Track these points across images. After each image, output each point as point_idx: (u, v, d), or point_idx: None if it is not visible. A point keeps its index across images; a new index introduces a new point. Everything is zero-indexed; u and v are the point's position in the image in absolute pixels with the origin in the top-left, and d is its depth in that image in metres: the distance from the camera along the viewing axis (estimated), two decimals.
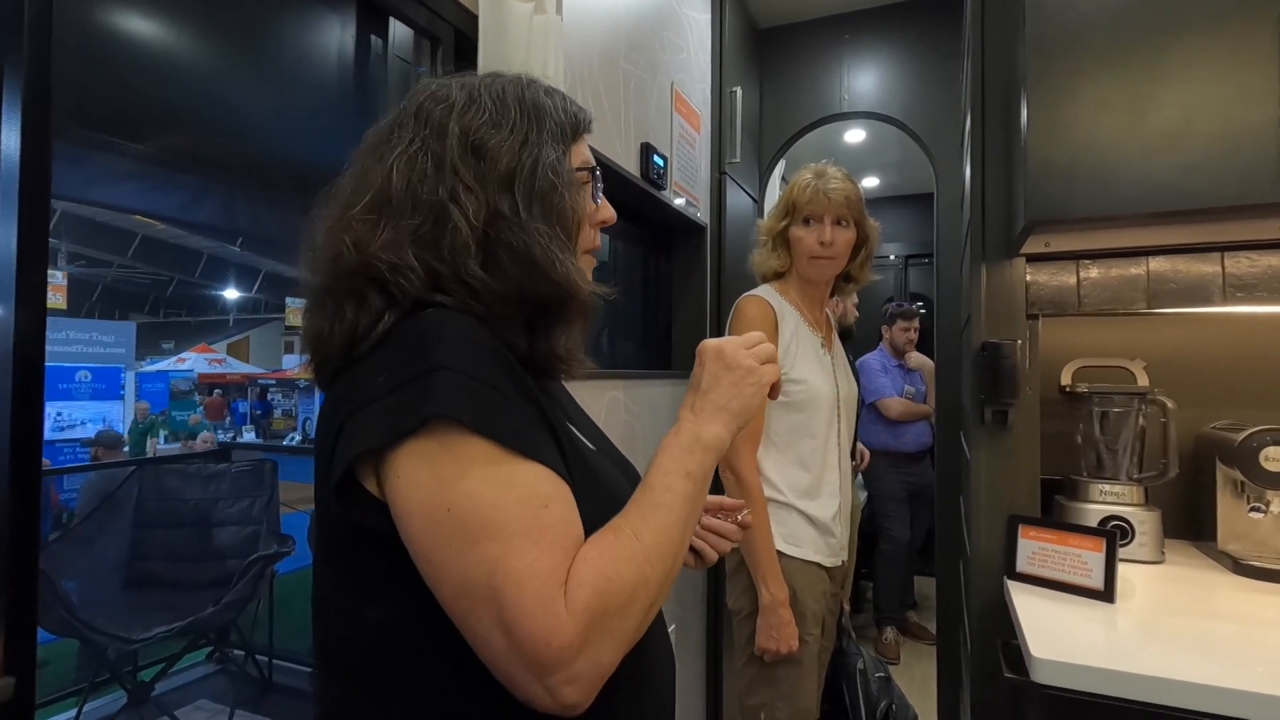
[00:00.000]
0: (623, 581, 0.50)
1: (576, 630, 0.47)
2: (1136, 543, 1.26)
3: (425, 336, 0.53)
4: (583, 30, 1.50)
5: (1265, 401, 1.36)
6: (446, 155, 0.58)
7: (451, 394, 0.50)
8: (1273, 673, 0.82)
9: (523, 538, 0.49)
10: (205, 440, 6.56)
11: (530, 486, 0.51)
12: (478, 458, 0.50)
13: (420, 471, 0.50)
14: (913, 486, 3.33)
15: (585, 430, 0.68)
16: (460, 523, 0.49)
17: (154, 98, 1.04)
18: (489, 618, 0.48)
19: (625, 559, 0.51)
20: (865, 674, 1.44)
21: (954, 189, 2.28)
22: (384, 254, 0.56)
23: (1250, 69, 1.00)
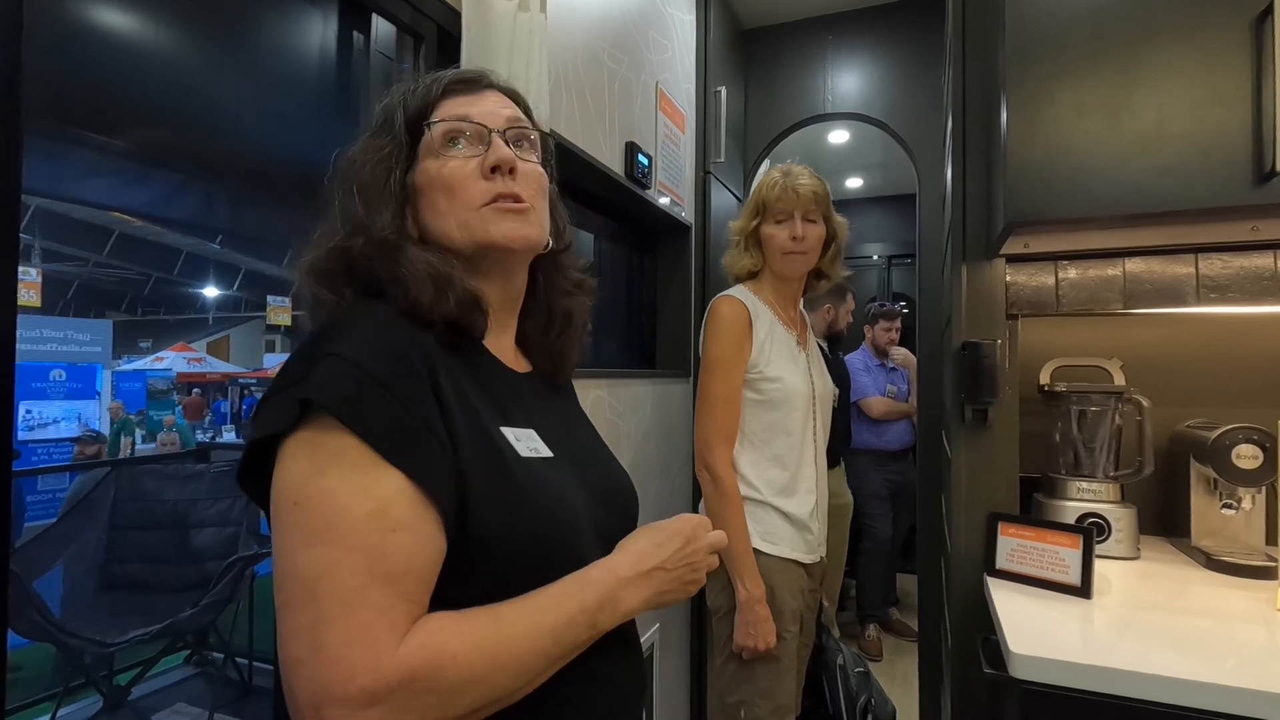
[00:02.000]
0: (465, 670, 0.47)
1: (389, 681, 0.44)
2: (1113, 539, 1.28)
3: (329, 327, 0.54)
4: (567, 28, 1.49)
5: (1237, 400, 1.38)
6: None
7: (330, 382, 0.49)
8: (1243, 666, 0.84)
9: (363, 555, 0.46)
10: (166, 442, 6.46)
11: (385, 504, 0.48)
12: (343, 455, 0.48)
13: (290, 460, 0.49)
14: (895, 484, 3.36)
15: (549, 434, 0.65)
16: (306, 518, 0.47)
17: (131, 92, 1.02)
18: (303, 621, 0.45)
19: (482, 652, 0.48)
20: (845, 669, 1.45)
21: (936, 190, 2.30)
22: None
23: (1222, 74, 1.02)
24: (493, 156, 0.62)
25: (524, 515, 0.55)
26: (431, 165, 0.63)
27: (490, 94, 0.67)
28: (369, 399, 0.49)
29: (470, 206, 0.62)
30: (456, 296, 0.59)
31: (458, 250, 0.62)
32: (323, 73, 1.16)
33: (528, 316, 0.72)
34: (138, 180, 2.16)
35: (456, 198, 0.62)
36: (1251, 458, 1.17)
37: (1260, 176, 1.00)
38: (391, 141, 0.63)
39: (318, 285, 0.60)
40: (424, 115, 0.64)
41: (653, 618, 1.94)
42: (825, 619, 1.59)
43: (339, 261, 0.60)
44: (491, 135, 0.64)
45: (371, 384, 0.50)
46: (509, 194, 0.63)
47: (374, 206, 0.60)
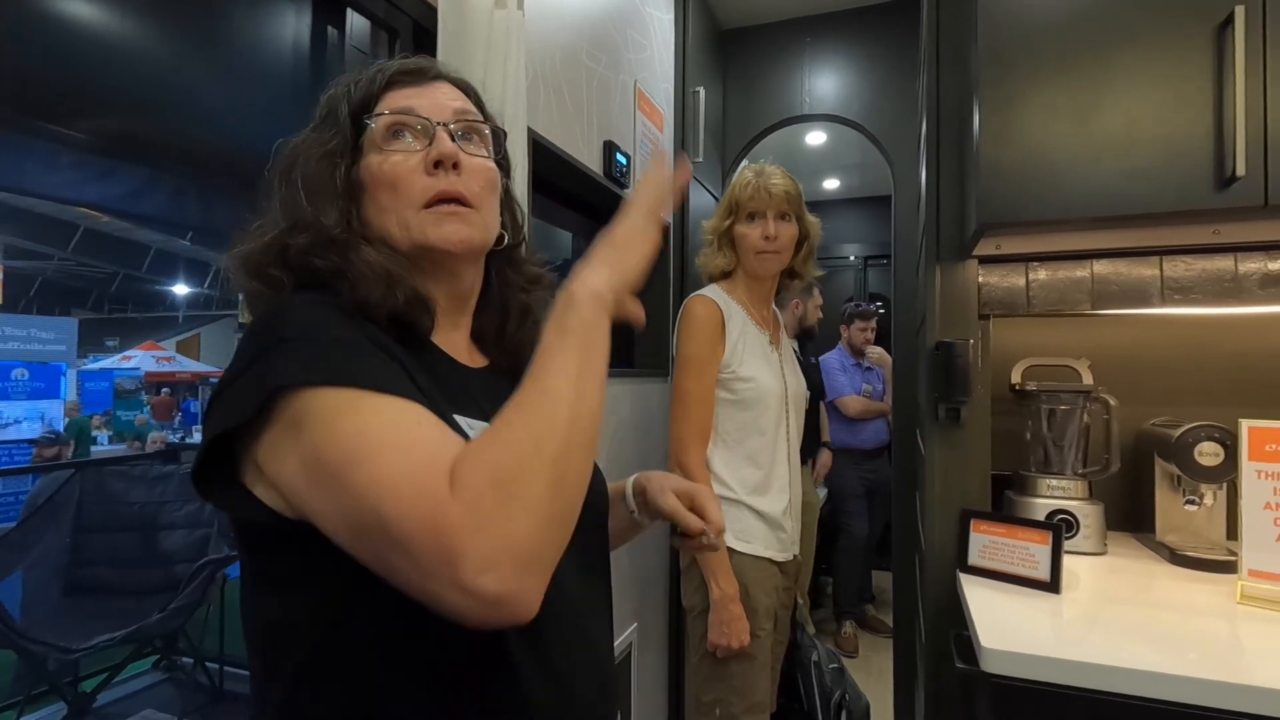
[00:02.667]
0: (510, 445, 0.45)
1: (464, 507, 0.42)
2: (1081, 535, 1.30)
3: (270, 317, 0.53)
4: (545, 26, 1.49)
5: (1200, 399, 1.42)
6: None
7: (295, 361, 0.48)
8: (1205, 657, 0.87)
9: (391, 451, 0.45)
10: (157, 440, 6.32)
11: (398, 410, 0.48)
12: (340, 406, 0.47)
13: (289, 443, 0.48)
14: (871, 483, 3.40)
15: None
16: (332, 463, 0.46)
17: (98, 83, 0.99)
18: (385, 544, 0.44)
19: (506, 427, 0.46)
20: (819, 666, 1.47)
21: (911, 192, 2.33)
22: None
23: (1188, 79, 1.05)
24: (435, 151, 0.60)
25: None
26: (374, 160, 0.61)
27: (439, 85, 0.65)
28: (337, 357, 0.49)
29: (412, 205, 0.60)
30: (405, 295, 0.57)
31: (400, 249, 0.60)
32: (296, 67, 1.14)
33: (482, 312, 0.71)
34: (104, 174, 2.11)
35: (399, 195, 0.60)
36: (1213, 455, 1.20)
37: (1221, 181, 1.02)
38: (335, 135, 0.61)
39: (249, 278, 0.58)
40: (368, 107, 0.62)
41: (631, 617, 1.94)
42: (800, 616, 1.60)
43: (275, 255, 0.58)
44: (436, 129, 0.61)
45: (334, 345, 0.50)
46: (451, 192, 0.60)
47: (319, 202, 0.58)
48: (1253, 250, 1.24)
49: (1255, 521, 1.05)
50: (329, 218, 0.58)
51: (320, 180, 0.59)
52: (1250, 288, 1.24)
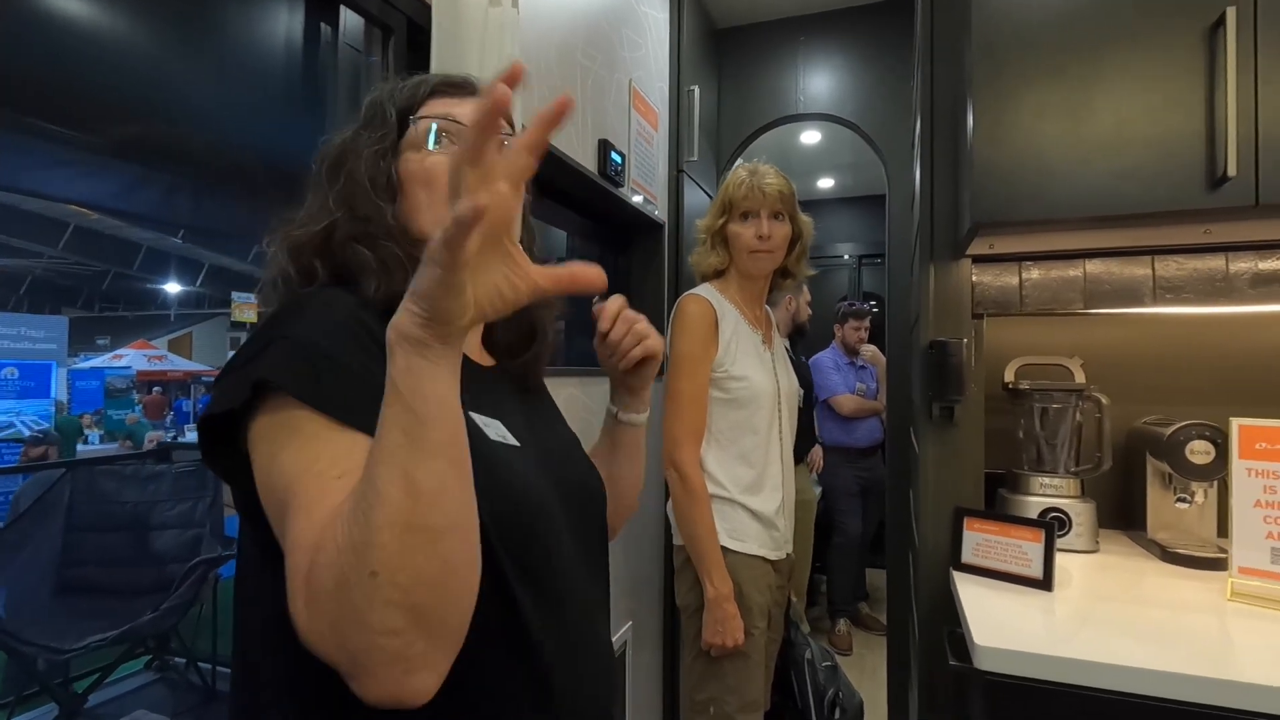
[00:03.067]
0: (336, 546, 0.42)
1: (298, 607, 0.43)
2: (1073, 533, 1.31)
3: (281, 311, 0.55)
4: (539, 24, 1.48)
5: (1192, 397, 1.43)
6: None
7: (282, 361, 0.50)
8: (1195, 654, 0.87)
9: (304, 512, 0.45)
10: (153, 440, 6.28)
11: (337, 460, 0.47)
12: (302, 428, 0.48)
13: (262, 444, 0.50)
14: (865, 481, 3.41)
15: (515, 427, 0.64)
16: (273, 496, 0.48)
17: (88, 80, 0.99)
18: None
19: (346, 518, 0.42)
20: (813, 664, 1.47)
21: (905, 191, 2.34)
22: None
23: (1178, 80, 1.05)
24: None
25: (503, 500, 0.54)
26: (413, 159, 0.63)
27: (476, 100, 0.68)
28: (322, 373, 0.50)
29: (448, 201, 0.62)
30: None
31: None
32: (289, 64, 1.14)
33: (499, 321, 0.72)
34: (95, 172, 2.09)
35: (435, 192, 0.62)
36: (1204, 453, 1.21)
37: (1213, 181, 1.03)
38: (386, 135, 0.64)
39: (291, 262, 0.61)
40: (411, 111, 0.65)
41: (625, 615, 1.94)
42: (793, 614, 1.61)
43: (321, 243, 0.61)
44: None
45: (324, 360, 0.51)
46: None
47: (380, 196, 0.62)
48: (1243, 250, 1.25)
49: (1245, 519, 1.05)
50: (389, 210, 0.61)
51: (378, 175, 0.62)
52: (1241, 287, 1.25)
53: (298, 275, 0.61)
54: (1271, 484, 1.04)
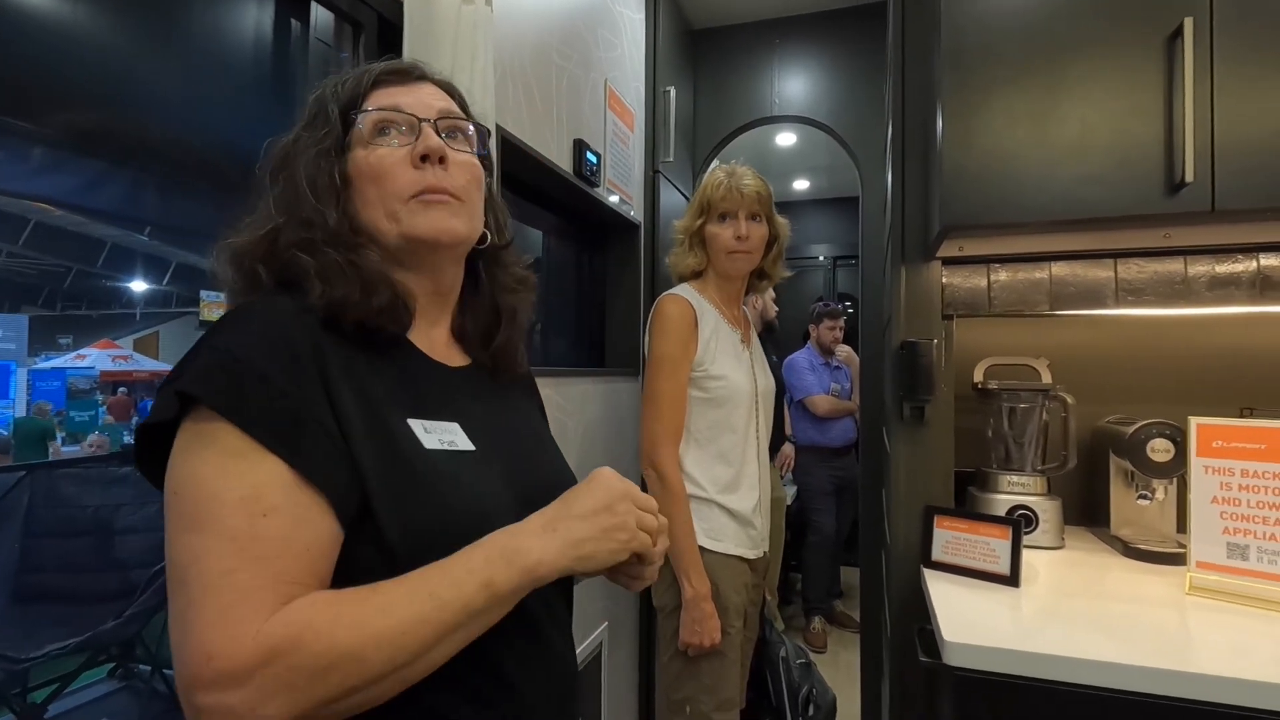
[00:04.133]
0: (329, 643, 0.45)
1: (246, 661, 0.43)
2: (1040, 530, 1.34)
3: (223, 319, 0.54)
4: (513, 22, 1.47)
5: (1153, 396, 1.47)
6: None
7: (207, 373, 0.49)
8: (1160, 647, 0.89)
9: (228, 540, 0.46)
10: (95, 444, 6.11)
11: (258, 488, 0.47)
12: (217, 443, 0.48)
13: (175, 452, 0.49)
14: (839, 480, 3.44)
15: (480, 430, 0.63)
16: (180, 506, 0.47)
17: (52, 73, 0.96)
18: (176, 607, 0.45)
19: (353, 624, 0.46)
20: (787, 661, 1.49)
21: (878, 193, 2.37)
22: None
23: (1140, 88, 1.08)
24: (422, 145, 0.61)
25: (427, 511, 0.53)
26: (360, 155, 0.62)
27: (423, 86, 0.66)
28: (246, 388, 0.49)
29: (398, 197, 0.61)
30: (381, 302, 0.58)
31: (385, 243, 0.61)
32: (258, 59, 1.12)
33: (468, 312, 0.71)
34: (56, 166, 2.03)
35: (385, 187, 0.61)
36: (1164, 451, 1.25)
37: (1171, 187, 1.06)
38: (328, 133, 0.62)
39: (233, 270, 0.59)
40: (355, 105, 0.63)
41: (601, 615, 1.94)
42: (768, 612, 1.62)
43: (265, 249, 0.59)
44: (422, 125, 0.62)
45: (249, 374, 0.49)
46: (438, 186, 0.61)
47: (321, 198, 0.60)
48: (1201, 254, 1.28)
49: (1203, 515, 1.09)
50: (330, 212, 0.59)
51: (320, 177, 0.60)
52: (1199, 290, 1.28)
53: (241, 282, 0.59)
54: (1228, 481, 1.07)
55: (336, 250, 0.58)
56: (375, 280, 0.58)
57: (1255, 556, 1.05)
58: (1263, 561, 1.04)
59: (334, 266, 0.57)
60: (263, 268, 0.59)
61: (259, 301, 0.56)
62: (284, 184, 0.61)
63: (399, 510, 0.52)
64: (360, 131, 0.62)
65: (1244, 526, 1.06)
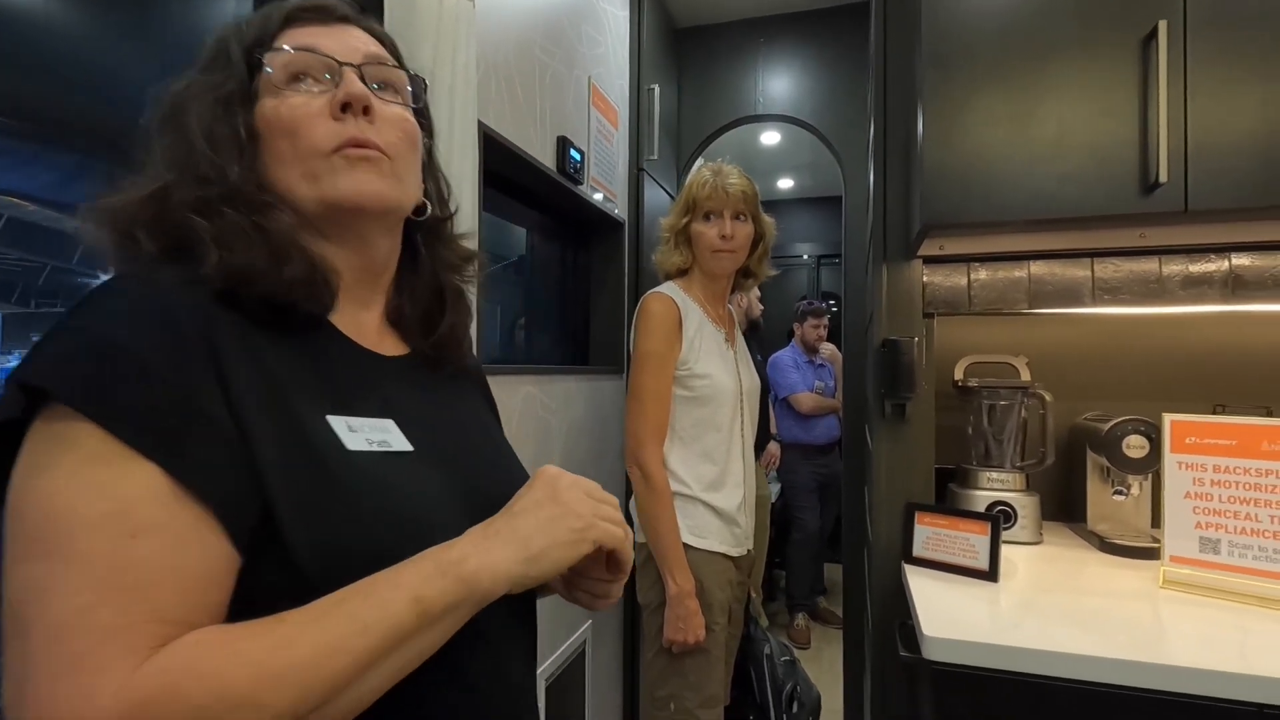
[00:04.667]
0: (218, 689, 0.36)
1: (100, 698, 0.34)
2: (1019, 525, 1.36)
3: (94, 292, 0.44)
4: (496, 17, 1.47)
5: (1128, 394, 1.49)
6: None
7: (66, 360, 0.40)
8: (1134, 640, 0.91)
9: (85, 569, 0.36)
10: None
11: (127, 504, 0.38)
12: (77, 447, 0.38)
13: (22, 462, 0.39)
14: (823, 477, 3.47)
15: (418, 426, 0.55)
16: (22, 528, 0.37)
17: (20, 64, 0.94)
18: (13, 656, 0.36)
19: (247, 662, 0.37)
20: (771, 659, 1.49)
21: (861, 192, 2.38)
22: None
23: (1115, 90, 1.10)
24: (342, 92, 0.52)
25: (349, 526, 0.44)
26: (270, 105, 0.52)
27: (348, 28, 0.57)
28: (116, 379, 0.40)
29: (317, 152, 0.51)
30: (295, 273, 0.49)
31: (303, 209, 0.52)
32: None
33: (405, 292, 0.61)
34: (29, 161, 2.00)
35: (300, 141, 0.51)
36: (1139, 447, 1.27)
37: (1146, 187, 1.08)
38: (229, 78, 0.52)
39: (108, 234, 0.49)
40: (261, 47, 0.53)
41: (584, 613, 1.93)
42: (752, 609, 1.63)
43: (151, 211, 0.48)
44: (344, 69, 0.53)
45: (117, 359, 0.40)
46: (362, 139, 0.52)
47: (220, 151, 0.50)
48: (1175, 253, 1.30)
49: (1176, 510, 1.10)
50: (231, 169, 0.50)
51: (217, 127, 0.51)
52: (1173, 289, 1.31)
53: (116, 250, 0.49)
54: (1200, 476, 1.09)
55: (238, 212, 0.48)
56: (287, 246, 0.49)
57: (1226, 550, 1.07)
58: (1233, 555, 1.06)
59: (235, 229, 0.47)
60: (144, 232, 0.48)
61: (143, 272, 0.46)
62: (174, 136, 0.51)
63: (312, 525, 0.43)
64: (269, 77, 0.52)
65: (1216, 521, 1.08)
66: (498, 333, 1.85)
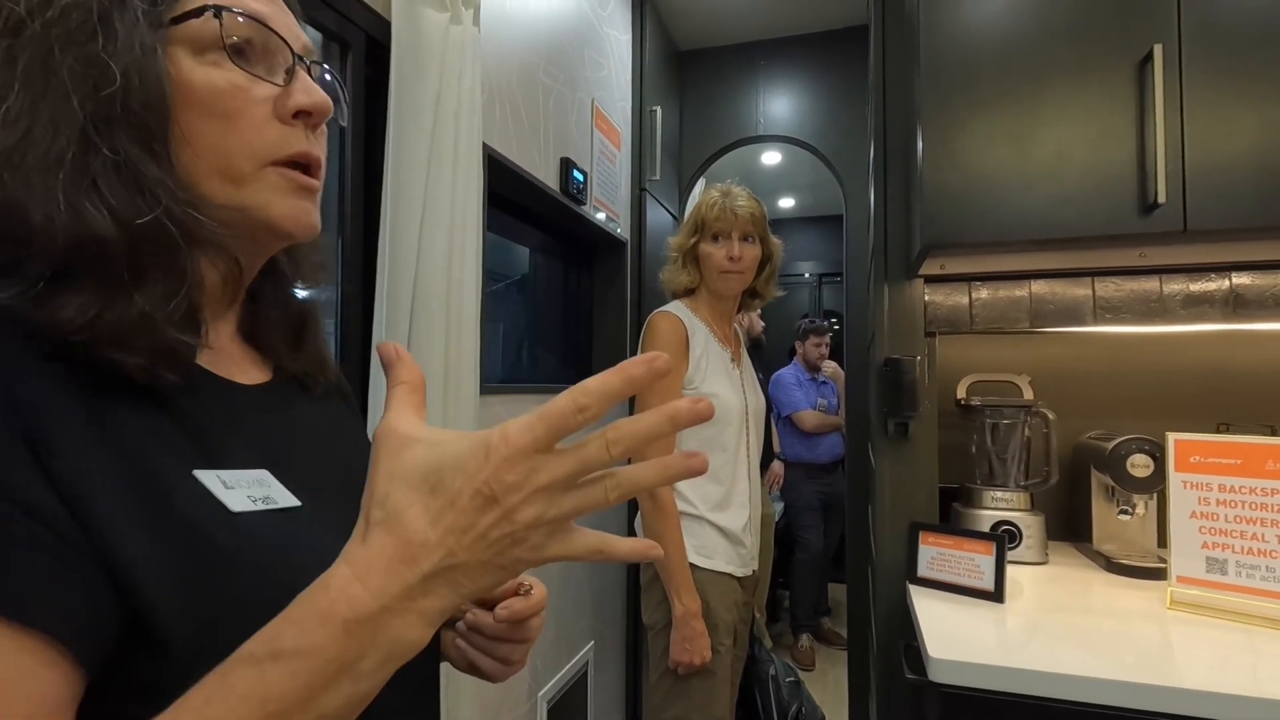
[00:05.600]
0: None
1: None
2: (1024, 545, 1.35)
3: None
4: (500, 42, 1.49)
5: (1131, 412, 1.49)
6: None
7: None
8: (1141, 662, 0.90)
9: None
10: None
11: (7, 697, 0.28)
12: None
13: None
14: (826, 496, 3.45)
15: (299, 469, 0.44)
16: None
17: None
18: None
19: None
20: (776, 680, 1.48)
21: (862, 211, 2.40)
22: None
23: (1112, 112, 1.11)
24: (304, 97, 0.42)
25: (237, 604, 0.34)
26: (195, 70, 0.39)
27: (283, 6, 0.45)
28: None
29: (253, 154, 0.41)
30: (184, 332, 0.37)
31: (202, 209, 0.39)
32: None
33: (268, 307, 0.50)
34: None
35: (233, 134, 0.40)
36: (1144, 466, 1.26)
37: (1144, 208, 1.08)
38: (111, 5, 0.37)
39: None
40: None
41: (588, 634, 1.92)
42: (757, 630, 1.61)
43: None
44: (297, 65, 0.43)
45: None
46: (315, 161, 0.44)
47: (59, 115, 0.35)
48: (1175, 272, 1.31)
49: (1182, 530, 1.10)
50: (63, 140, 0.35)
51: (145, 74, 0.36)
52: (1174, 308, 1.31)
53: None
54: (1206, 496, 1.09)
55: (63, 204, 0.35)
56: (194, 303, 0.39)
57: (1234, 571, 1.06)
58: (1241, 576, 1.05)
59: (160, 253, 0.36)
60: None
61: None
62: (56, 81, 0.35)
63: (193, 611, 0.33)
64: (197, 30, 0.39)
65: (1222, 541, 1.07)
66: (500, 351, 1.85)
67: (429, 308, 1.08)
